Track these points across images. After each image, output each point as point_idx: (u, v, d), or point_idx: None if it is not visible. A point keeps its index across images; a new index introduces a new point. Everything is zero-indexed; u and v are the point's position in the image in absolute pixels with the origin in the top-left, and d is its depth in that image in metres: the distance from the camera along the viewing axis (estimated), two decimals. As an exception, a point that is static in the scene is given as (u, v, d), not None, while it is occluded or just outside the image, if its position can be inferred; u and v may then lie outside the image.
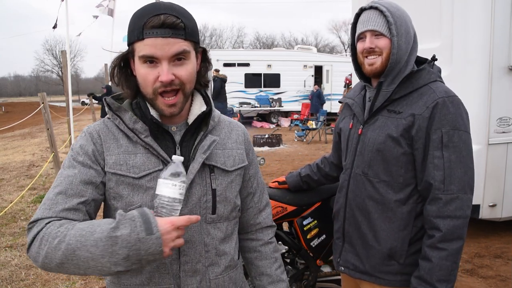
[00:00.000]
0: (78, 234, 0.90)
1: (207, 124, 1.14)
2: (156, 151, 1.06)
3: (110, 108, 1.11)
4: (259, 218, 1.30)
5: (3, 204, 5.42)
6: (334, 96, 17.38)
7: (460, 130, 1.39)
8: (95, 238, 0.88)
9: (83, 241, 0.89)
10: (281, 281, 1.28)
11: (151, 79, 1.03)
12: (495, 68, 3.66)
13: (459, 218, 1.35)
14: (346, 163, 1.64)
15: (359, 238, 1.58)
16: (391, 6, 1.44)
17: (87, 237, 0.89)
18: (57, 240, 0.91)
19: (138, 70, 1.05)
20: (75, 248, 0.89)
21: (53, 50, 57.26)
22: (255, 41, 52.78)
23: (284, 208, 2.16)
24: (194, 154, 1.09)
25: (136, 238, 0.87)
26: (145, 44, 1.00)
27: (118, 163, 1.06)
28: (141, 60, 1.02)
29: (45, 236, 0.93)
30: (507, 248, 3.89)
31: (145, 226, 0.88)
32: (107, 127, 1.11)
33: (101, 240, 0.88)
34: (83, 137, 1.10)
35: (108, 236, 0.88)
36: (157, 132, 1.10)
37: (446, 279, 1.36)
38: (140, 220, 0.89)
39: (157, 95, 1.04)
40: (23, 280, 3.38)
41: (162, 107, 1.06)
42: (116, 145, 1.08)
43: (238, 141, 1.22)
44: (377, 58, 1.46)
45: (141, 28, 1.00)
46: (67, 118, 8.54)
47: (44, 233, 0.94)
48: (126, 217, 0.90)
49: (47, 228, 0.95)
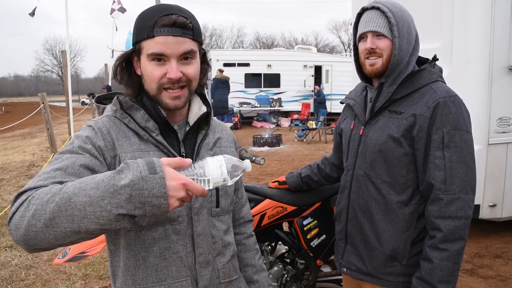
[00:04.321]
0: (77, 182, 0.85)
1: (207, 123, 1.22)
2: (166, 149, 1.10)
3: (122, 106, 1.10)
4: (242, 213, 1.39)
5: (3, 204, 5.41)
6: (334, 96, 17.37)
7: (462, 130, 1.38)
8: (96, 180, 0.84)
9: (82, 186, 0.83)
10: (264, 270, 1.39)
11: (157, 76, 1.05)
12: (495, 68, 3.66)
13: (460, 218, 1.35)
14: (347, 164, 1.63)
15: (361, 240, 1.57)
16: (393, 6, 1.43)
17: (87, 182, 0.84)
18: (50, 195, 0.84)
19: (144, 68, 1.07)
20: (72, 195, 0.82)
21: (53, 50, 57.42)
22: (255, 41, 52.80)
23: (284, 208, 2.16)
24: (198, 152, 1.16)
25: (139, 176, 0.82)
26: (155, 42, 1.03)
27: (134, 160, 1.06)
28: (149, 57, 1.05)
29: (34, 196, 0.85)
30: (507, 248, 3.89)
31: (148, 166, 0.84)
32: (116, 125, 1.10)
33: (103, 181, 0.83)
34: (90, 130, 1.07)
35: (111, 176, 0.83)
36: (163, 130, 1.12)
37: (447, 280, 1.35)
38: (143, 162, 0.85)
39: (161, 90, 1.07)
40: (23, 280, 3.37)
41: (166, 100, 1.08)
42: (129, 143, 1.08)
43: (229, 140, 1.31)
44: (378, 59, 1.46)
45: (152, 27, 1.03)
46: (67, 118, 8.55)
47: (34, 194, 0.86)
48: (129, 162, 0.86)
49: (37, 190, 0.87)
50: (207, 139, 1.20)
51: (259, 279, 1.36)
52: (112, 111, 1.12)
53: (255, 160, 2.27)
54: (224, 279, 1.20)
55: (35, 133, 15.55)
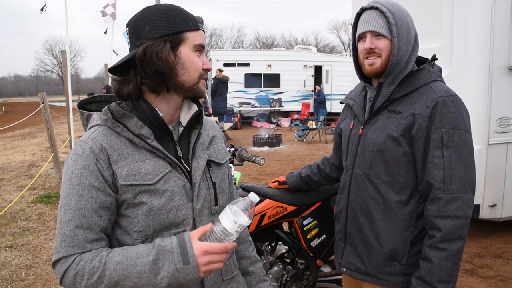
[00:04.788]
0: (119, 268, 0.97)
1: (199, 122, 1.22)
2: (163, 154, 1.09)
3: (113, 115, 1.08)
4: None
5: (3, 204, 5.41)
6: (334, 96, 17.37)
7: (461, 130, 1.38)
8: (138, 271, 0.97)
9: (126, 274, 0.97)
10: (258, 261, 1.41)
11: (201, 65, 1.12)
12: (495, 68, 3.66)
13: (459, 218, 1.35)
14: (347, 164, 1.63)
15: (360, 239, 1.57)
16: (392, 6, 1.43)
17: (129, 270, 0.97)
18: (96, 276, 0.97)
19: (189, 58, 1.10)
20: (119, 280, 0.97)
21: (53, 50, 57.24)
22: (255, 41, 52.71)
23: (284, 208, 2.16)
24: (194, 151, 1.17)
25: (174, 269, 0.97)
26: (199, 34, 1.11)
27: (131, 173, 1.05)
28: (194, 48, 1.10)
29: (79, 272, 0.98)
30: (507, 248, 3.89)
31: (183, 257, 0.98)
32: (106, 137, 1.07)
33: (144, 272, 0.97)
34: (83, 156, 1.03)
35: (150, 269, 0.97)
36: (158, 133, 1.11)
37: (447, 280, 1.35)
38: (177, 252, 0.98)
39: (200, 79, 1.13)
40: (23, 280, 3.38)
41: (202, 88, 1.15)
42: (122, 155, 1.06)
43: (219, 136, 1.31)
44: (377, 59, 1.46)
45: (194, 20, 1.11)
46: (67, 118, 8.53)
47: (75, 270, 0.98)
48: (165, 248, 0.99)
49: (77, 264, 0.98)
50: (201, 138, 1.20)
51: (255, 270, 1.37)
52: (102, 120, 1.09)
53: (255, 160, 2.27)
54: (227, 276, 1.22)
55: (35, 133, 15.55)
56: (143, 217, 1.05)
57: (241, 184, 2.24)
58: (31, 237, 4.34)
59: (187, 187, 1.12)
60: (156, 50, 1.04)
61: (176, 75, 1.09)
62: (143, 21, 1.08)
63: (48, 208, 5.35)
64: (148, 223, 1.06)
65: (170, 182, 1.09)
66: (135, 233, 1.07)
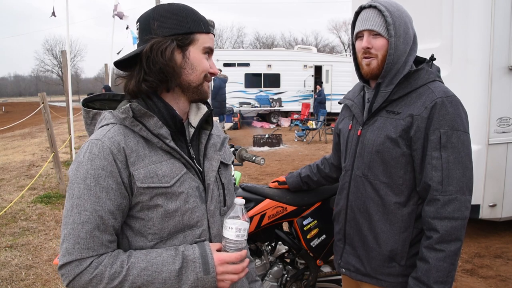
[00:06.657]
0: (143, 274, 1.00)
1: (210, 123, 1.21)
2: (179, 155, 1.08)
3: (134, 114, 1.04)
4: None
5: (3, 204, 5.41)
6: (334, 96, 17.37)
7: (459, 131, 1.37)
8: (163, 277, 1.01)
9: (150, 280, 1.00)
10: (251, 261, 1.40)
11: (208, 67, 1.12)
12: (495, 68, 3.66)
13: (457, 219, 1.35)
14: (346, 165, 1.63)
15: (360, 240, 1.57)
16: (390, 5, 1.42)
17: (154, 276, 1.01)
18: (117, 281, 0.98)
19: (198, 58, 1.10)
20: (141, 285, 1.00)
21: (53, 50, 57.26)
22: (255, 41, 52.68)
23: (284, 208, 2.16)
24: (205, 153, 1.17)
25: (195, 278, 1.03)
26: (210, 37, 1.12)
27: (148, 176, 1.03)
28: (203, 50, 1.11)
29: (97, 276, 0.97)
30: (507, 248, 3.89)
31: (204, 267, 1.04)
32: (124, 137, 1.03)
33: (170, 279, 1.01)
34: (100, 156, 0.99)
35: (175, 276, 1.02)
36: (173, 134, 1.10)
37: (443, 281, 1.35)
38: (199, 262, 1.04)
39: (204, 80, 1.13)
40: (23, 280, 3.38)
41: (206, 89, 1.15)
42: (140, 156, 1.03)
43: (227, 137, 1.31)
44: (373, 60, 1.45)
45: (206, 23, 1.11)
46: (67, 118, 8.53)
47: (93, 274, 0.97)
48: (189, 258, 1.04)
49: (94, 268, 0.97)
50: (212, 140, 1.20)
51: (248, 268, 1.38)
52: (118, 118, 1.06)
53: (255, 160, 2.27)
54: None
55: (35, 133, 15.55)
56: (158, 220, 1.05)
57: (241, 184, 2.24)
58: (31, 237, 4.34)
59: (200, 189, 1.12)
60: (162, 47, 1.04)
61: (182, 75, 1.08)
62: (154, 18, 1.07)
63: (48, 208, 5.35)
64: (163, 225, 1.05)
65: (185, 184, 1.08)
66: (150, 235, 1.06)
